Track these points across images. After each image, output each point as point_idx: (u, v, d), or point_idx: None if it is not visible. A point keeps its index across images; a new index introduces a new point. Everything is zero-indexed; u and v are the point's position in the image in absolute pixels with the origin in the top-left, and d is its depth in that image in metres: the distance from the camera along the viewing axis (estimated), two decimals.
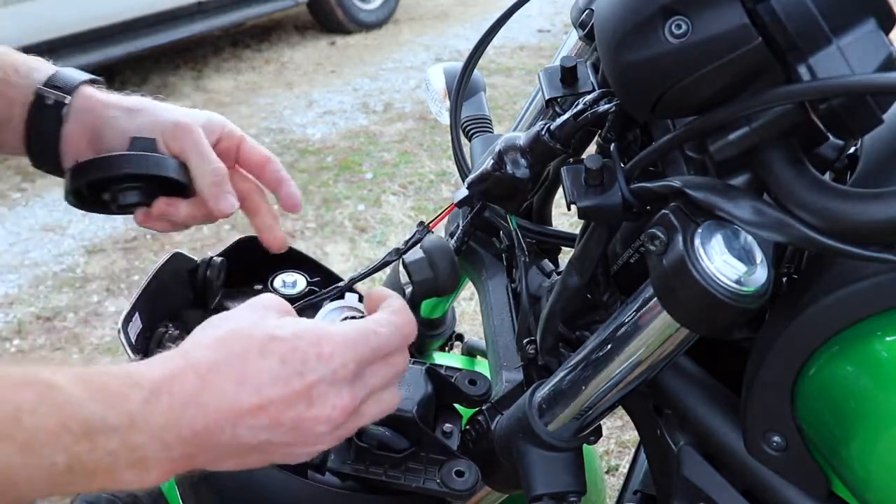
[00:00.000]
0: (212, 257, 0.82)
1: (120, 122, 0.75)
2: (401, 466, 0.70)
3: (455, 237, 0.82)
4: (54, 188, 3.66)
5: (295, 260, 0.86)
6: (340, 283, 0.77)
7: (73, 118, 0.74)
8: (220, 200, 0.74)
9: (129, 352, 0.72)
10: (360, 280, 0.77)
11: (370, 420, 0.59)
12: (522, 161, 0.63)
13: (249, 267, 0.83)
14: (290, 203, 0.79)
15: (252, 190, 0.79)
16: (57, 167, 0.76)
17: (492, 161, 0.64)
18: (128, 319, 0.73)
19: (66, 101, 0.73)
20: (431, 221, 0.72)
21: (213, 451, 0.53)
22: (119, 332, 0.72)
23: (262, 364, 0.53)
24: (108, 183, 0.73)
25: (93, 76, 0.78)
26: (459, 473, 0.70)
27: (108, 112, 0.75)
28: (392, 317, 0.60)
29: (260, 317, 0.57)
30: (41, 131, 0.74)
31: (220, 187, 0.74)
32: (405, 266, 0.70)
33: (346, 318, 0.70)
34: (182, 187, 0.74)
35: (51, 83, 0.74)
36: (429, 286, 0.67)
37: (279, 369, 0.53)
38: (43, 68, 0.76)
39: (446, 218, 0.96)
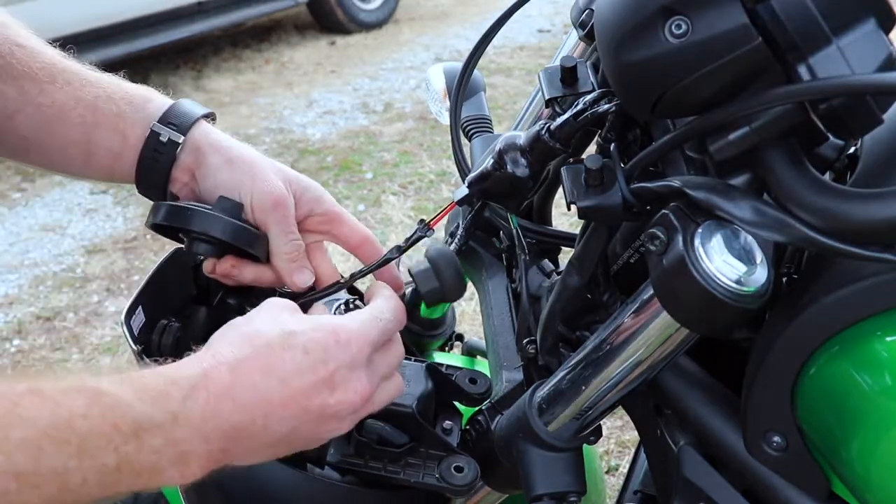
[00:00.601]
0: None
1: (219, 173, 0.75)
2: (400, 461, 0.71)
3: (456, 237, 0.82)
4: (54, 188, 3.66)
5: None
6: (341, 281, 0.77)
7: (184, 156, 0.75)
8: (295, 275, 0.74)
9: (132, 343, 0.73)
10: (360, 277, 0.77)
11: (380, 406, 0.63)
12: (522, 160, 0.63)
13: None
14: (387, 278, 0.78)
15: (328, 273, 0.78)
16: (164, 196, 0.77)
17: (492, 160, 0.64)
18: (130, 312, 0.74)
19: (180, 141, 0.74)
20: (432, 220, 0.72)
21: (247, 443, 0.56)
22: (122, 324, 0.73)
23: (285, 355, 0.57)
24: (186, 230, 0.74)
25: (207, 110, 0.78)
26: (458, 469, 0.70)
27: (212, 159, 0.75)
28: (388, 303, 0.65)
29: (276, 315, 0.61)
30: (154, 167, 0.75)
31: (296, 263, 0.74)
32: (411, 276, 0.71)
33: (338, 309, 0.71)
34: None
35: (166, 119, 0.75)
36: (436, 295, 0.68)
37: (302, 359, 0.57)
38: (157, 100, 0.76)
39: (446, 217, 0.96)
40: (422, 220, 0.71)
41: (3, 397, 0.47)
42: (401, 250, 0.72)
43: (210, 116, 0.79)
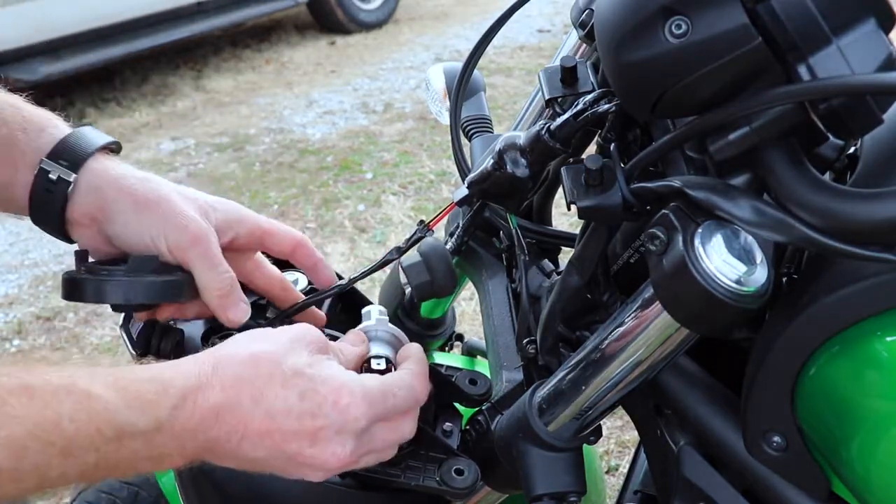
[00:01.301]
0: None
1: (127, 216, 0.69)
2: (400, 464, 0.70)
3: (454, 237, 0.82)
4: None
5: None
6: (341, 282, 0.77)
7: (79, 197, 0.68)
8: (229, 311, 0.70)
9: (131, 349, 0.73)
10: (360, 279, 0.77)
11: (363, 466, 0.63)
12: (522, 160, 0.63)
13: None
14: (326, 281, 0.78)
15: (275, 287, 0.77)
16: (65, 237, 0.71)
17: (492, 160, 0.64)
18: (128, 318, 0.74)
19: (71, 179, 0.67)
20: (431, 220, 0.72)
21: (219, 455, 0.57)
22: (120, 330, 0.73)
23: (280, 392, 0.57)
24: None
25: (107, 140, 0.71)
26: (459, 472, 0.70)
27: (116, 202, 0.69)
28: (412, 380, 0.64)
29: (295, 349, 0.60)
30: (46, 205, 0.68)
31: (227, 299, 0.70)
32: (403, 270, 0.71)
33: (374, 361, 0.68)
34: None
35: (57, 153, 0.68)
36: (426, 289, 0.67)
37: (295, 403, 0.57)
38: (52, 129, 0.70)
39: (447, 218, 0.96)
40: (421, 221, 0.71)
41: None
42: (401, 251, 0.72)
43: (111, 147, 0.72)
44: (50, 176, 0.67)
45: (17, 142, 0.68)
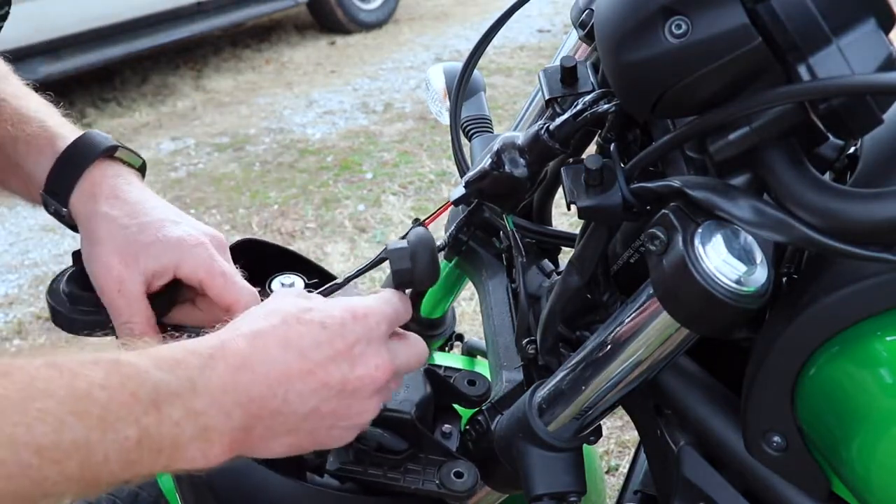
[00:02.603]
0: None
1: (85, 249, 0.75)
2: (400, 468, 0.70)
3: (447, 233, 0.82)
4: None
5: (293, 261, 0.86)
6: (336, 281, 0.77)
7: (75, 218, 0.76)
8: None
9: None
10: (355, 277, 0.77)
11: (396, 387, 0.63)
12: (521, 160, 0.63)
13: (248, 268, 0.83)
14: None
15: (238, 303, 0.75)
16: None
17: (490, 160, 0.64)
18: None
19: (64, 213, 0.75)
20: (427, 218, 0.71)
21: (268, 422, 0.55)
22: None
23: (302, 329, 0.56)
24: None
25: (104, 150, 0.75)
26: (458, 475, 0.70)
27: (83, 233, 0.75)
28: (392, 294, 0.65)
29: (291, 297, 0.60)
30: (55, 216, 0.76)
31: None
32: (386, 253, 0.70)
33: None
34: None
35: (51, 186, 0.75)
36: (405, 276, 0.66)
37: (320, 333, 0.57)
38: (49, 153, 0.75)
39: (447, 218, 0.96)
40: (416, 219, 0.71)
41: (21, 371, 0.47)
42: None
43: (109, 152, 0.76)
44: (50, 208, 0.76)
45: (24, 163, 0.77)
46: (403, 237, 0.71)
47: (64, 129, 0.78)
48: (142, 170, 0.80)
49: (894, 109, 0.48)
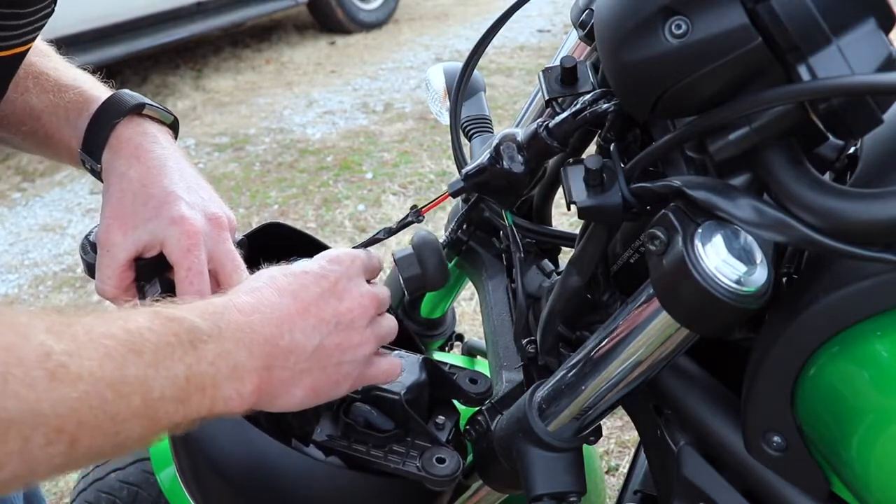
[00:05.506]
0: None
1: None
2: (384, 447, 0.71)
3: (448, 230, 0.82)
4: (54, 188, 3.66)
5: (317, 248, 0.87)
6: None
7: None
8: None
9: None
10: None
11: (383, 321, 0.67)
12: (519, 157, 0.63)
13: (267, 251, 0.84)
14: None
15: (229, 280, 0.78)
16: None
17: (489, 154, 0.64)
18: (151, 286, 0.77)
19: (98, 170, 0.80)
20: (424, 206, 0.72)
21: (283, 361, 0.60)
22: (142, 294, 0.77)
23: (289, 279, 0.63)
24: None
25: (140, 102, 0.81)
26: (440, 461, 0.70)
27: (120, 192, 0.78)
28: (361, 251, 0.70)
29: (270, 269, 0.66)
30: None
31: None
32: (395, 262, 0.71)
33: None
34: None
35: (87, 145, 0.80)
36: (417, 282, 0.67)
37: (304, 278, 0.63)
38: (84, 114, 0.80)
39: (447, 218, 0.96)
40: (413, 206, 0.71)
41: (76, 322, 0.50)
42: (389, 232, 0.72)
43: (137, 109, 0.81)
44: (86, 165, 0.81)
45: (66, 127, 0.82)
46: (399, 222, 0.71)
47: (98, 92, 0.83)
48: (174, 126, 0.85)
49: (894, 109, 0.48)
